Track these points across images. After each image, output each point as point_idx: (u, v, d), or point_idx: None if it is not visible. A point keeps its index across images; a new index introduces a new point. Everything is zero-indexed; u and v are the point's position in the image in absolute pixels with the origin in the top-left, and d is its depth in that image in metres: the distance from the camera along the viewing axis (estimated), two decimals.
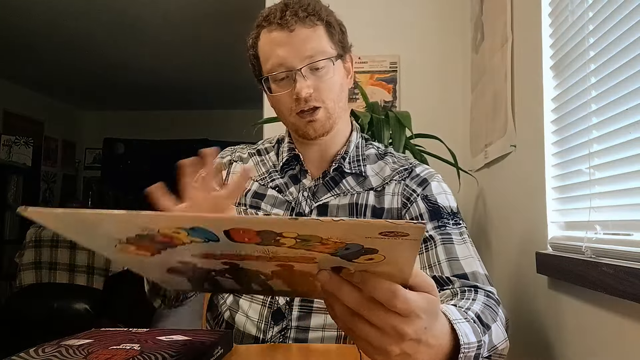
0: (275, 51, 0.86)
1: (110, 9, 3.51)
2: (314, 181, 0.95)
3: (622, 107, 0.76)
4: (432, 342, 0.49)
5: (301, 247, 0.42)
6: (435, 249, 0.84)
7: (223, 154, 1.05)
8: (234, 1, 3.28)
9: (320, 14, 0.88)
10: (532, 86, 1.15)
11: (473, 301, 0.71)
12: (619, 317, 0.72)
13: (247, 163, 1.02)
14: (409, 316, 0.44)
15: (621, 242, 0.74)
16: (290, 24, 0.85)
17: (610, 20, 0.79)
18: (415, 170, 0.95)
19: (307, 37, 0.86)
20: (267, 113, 2.05)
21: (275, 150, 1.03)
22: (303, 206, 0.93)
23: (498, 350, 0.67)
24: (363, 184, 0.94)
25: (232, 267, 0.51)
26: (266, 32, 0.89)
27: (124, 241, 0.47)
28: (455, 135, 2.00)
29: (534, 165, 1.12)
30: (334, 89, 0.89)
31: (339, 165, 0.94)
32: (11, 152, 5.13)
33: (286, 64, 0.86)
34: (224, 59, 4.41)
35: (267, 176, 0.99)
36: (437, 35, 2.13)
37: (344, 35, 0.94)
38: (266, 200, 0.95)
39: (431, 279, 0.48)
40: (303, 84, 0.85)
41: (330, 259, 0.44)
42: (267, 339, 0.88)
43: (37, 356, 0.58)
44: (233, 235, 0.42)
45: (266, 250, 0.45)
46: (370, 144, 1.01)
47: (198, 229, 0.42)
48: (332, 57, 0.88)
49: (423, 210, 0.89)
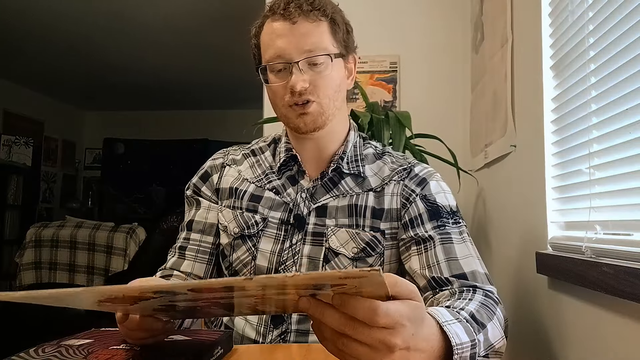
0: (275, 42, 0.86)
1: (110, 11, 3.51)
2: (312, 182, 0.94)
3: (622, 107, 0.75)
4: (422, 346, 0.49)
5: (271, 290, 0.44)
6: (435, 249, 0.83)
7: (215, 157, 1.03)
8: (234, 2, 3.28)
9: (326, 9, 0.87)
10: (532, 86, 1.15)
11: (469, 301, 0.71)
12: (619, 317, 0.72)
13: (242, 165, 1.00)
14: (394, 327, 0.45)
15: (621, 242, 0.74)
16: (293, 15, 0.84)
17: (610, 20, 0.79)
18: (414, 170, 0.94)
19: (308, 31, 0.85)
20: (267, 113, 2.05)
21: (271, 151, 1.00)
22: (301, 207, 0.92)
23: (495, 349, 0.67)
24: (362, 185, 0.93)
25: (213, 303, 0.53)
26: (269, 22, 0.88)
27: (97, 302, 0.51)
28: (455, 135, 2.00)
29: (534, 165, 1.12)
30: (330, 85, 0.87)
31: (337, 165, 0.93)
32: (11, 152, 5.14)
33: (284, 56, 0.85)
34: (224, 60, 4.41)
35: (263, 178, 0.97)
36: (437, 35, 2.13)
37: (349, 35, 0.93)
38: (263, 203, 0.94)
39: (412, 284, 0.48)
40: (299, 77, 0.84)
41: (303, 292, 0.46)
42: (266, 343, 0.88)
43: (37, 356, 0.58)
44: (197, 292, 0.44)
45: (242, 293, 0.46)
46: (368, 144, 1.00)
47: (161, 292, 0.45)
48: (332, 54, 0.87)
49: (422, 210, 0.88)
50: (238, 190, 0.96)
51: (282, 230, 0.91)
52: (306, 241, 0.90)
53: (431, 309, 0.58)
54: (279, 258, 0.90)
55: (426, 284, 0.82)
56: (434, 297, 0.80)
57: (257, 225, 0.92)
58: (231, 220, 0.94)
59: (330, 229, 0.90)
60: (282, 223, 0.92)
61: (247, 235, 0.92)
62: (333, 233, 0.89)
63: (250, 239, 0.92)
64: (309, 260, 0.89)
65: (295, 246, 0.90)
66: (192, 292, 0.45)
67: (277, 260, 0.90)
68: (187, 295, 0.46)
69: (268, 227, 0.92)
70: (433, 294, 0.80)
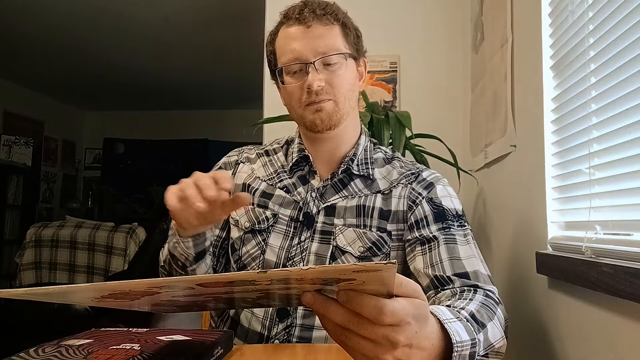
0: (291, 45, 0.90)
1: (110, 11, 3.51)
2: (323, 182, 0.96)
3: (622, 107, 0.76)
4: (424, 344, 0.50)
5: (278, 284, 0.44)
6: (438, 249, 0.85)
7: (230, 155, 1.07)
8: (234, 3, 3.27)
9: (337, 14, 0.92)
10: (532, 86, 1.15)
11: (470, 300, 0.72)
12: (619, 317, 0.72)
13: (255, 163, 1.03)
14: (398, 325, 0.45)
15: (621, 242, 0.74)
16: (307, 20, 0.89)
17: (610, 20, 0.79)
18: (422, 175, 0.96)
19: (322, 34, 0.90)
20: (267, 113, 2.05)
21: (284, 151, 1.04)
22: (311, 206, 0.94)
23: (495, 349, 0.67)
24: (371, 187, 0.96)
25: (215, 298, 0.53)
26: (285, 28, 0.93)
27: (99, 298, 0.51)
28: (455, 135, 2.00)
29: (534, 165, 1.12)
30: (344, 84, 0.91)
31: (347, 167, 0.96)
32: (11, 152, 5.14)
33: (300, 57, 0.89)
34: (224, 59, 4.42)
35: (275, 176, 1.00)
36: (437, 35, 2.13)
37: (359, 39, 0.97)
38: (274, 200, 0.97)
39: (416, 283, 0.49)
40: (315, 77, 0.88)
41: (310, 287, 0.46)
42: (271, 336, 0.89)
43: (37, 356, 0.58)
44: (205, 286, 0.44)
45: (245, 288, 0.47)
46: (378, 148, 1.03)
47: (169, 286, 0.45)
48: (345, 54, 0.91)
49: (428, 213, 0.90)
50: (250, 187, 1.00)
51: (292, 227, 0.94)
52: (314, 239, 0.93)
53: (432, 307, 0.59)
54: (287, 254, 0.93)
55: (429, 283, 0.83)
56: (435, 297, 0.81)
57: (267, 221, 0.95)
58: (242, 214, 0.97)
59: (338, 228, 0.92)
60: (292, 220, 0.95)
61: (257, 230, 0.95)
62: (341, 232, 0.92)
63: (260, 234, 0.95)
64: (317, 257, 0.92)
65: (303, 243, 0.93)
66: (200, 287, 0.45)
67: (285, 256, 0.93)
68: (194, 290, 0.46)
69: (278, 223, 0.95)
70: (435, 293, 0.81)
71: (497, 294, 0.80)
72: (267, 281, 0.43)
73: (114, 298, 0.50)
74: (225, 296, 0.51)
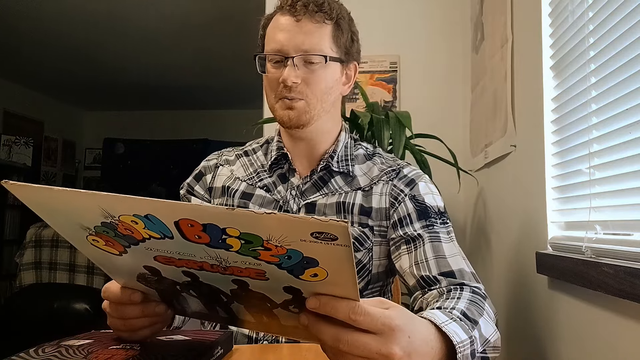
0: (277, 35, 0.90)
1: (110, 11, 3.51)
2: (302, 180, 0.96)
3: (622, 107, 0.76)
4: (423, 349, 0.49)
5: (247, 251, 0.45)
6: (423, 247, 0.85)
7: (209, 158, 1.06)
8: (233, 3, 3.27)
9: (331, 13, 0.90)
10: (532, 86, 1.15)
11: (458, 299, 0.72)
12: (619, 317, 0.72)
13: (234, 164, 1.02)
14: (382, 332, 0.45)
15: (621, 242, 0.74)
16: (298, 13, 0.88)
17: (610, 20, 0.79)
18: (403, 171, 0.96)
19: (309, 31, 0.88)
20: (267, 113, 2.05)
21: (263, 150, 1.03)
22: (291, 204, 0.94)
23: (491, 343, 0.67)
24: (351, 184, 0.95)
25: (194, 280, 0.54)
26: (277, 16, 0.92)
27: (93, 232, 0.51)
28: (455, 135, 2.00)
29: (534, 165, 1.12)
30: (320, 86, 0.90)
31: (327, 164, 0.95)
32: (11, 152, 5.13)
33: (282, 50, 0.89)
34: (224, 60, 4.41)
35: (255, 176, 0.99)
36: (437, 35, 2.13)
37: (354, 43, 0.95)
38: (254, 200, 0.96)
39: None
40: (291, 72, 0.87)
41: (278, 273, 0.47)
42: (259, 338, 0.89)
43: (37, 356, 0.58)
44: (183, 228, 0.46)
45: (218, 256, 0.48)
46: (359, 144, 1.02)
47: (151, 217, 0.47)
48: (328, 56, 0.89)
49: (411, 210, 0.90)
50: (230, 189, 0.98)
51: None
52: None
53: (425, 313, 0.59)
54: None
55: (415, 284, 0.83)
56: (423, 297, 0.81)
57: None
58: None
59: None
60: None
61: None
62: None
63: None
64: None
65: None
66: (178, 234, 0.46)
67: None
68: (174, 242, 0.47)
69: None
70: (422, 294, 0.82)
71: (484, 290, 0.80)
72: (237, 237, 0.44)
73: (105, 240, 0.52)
74: (199, 276, 0.53)
